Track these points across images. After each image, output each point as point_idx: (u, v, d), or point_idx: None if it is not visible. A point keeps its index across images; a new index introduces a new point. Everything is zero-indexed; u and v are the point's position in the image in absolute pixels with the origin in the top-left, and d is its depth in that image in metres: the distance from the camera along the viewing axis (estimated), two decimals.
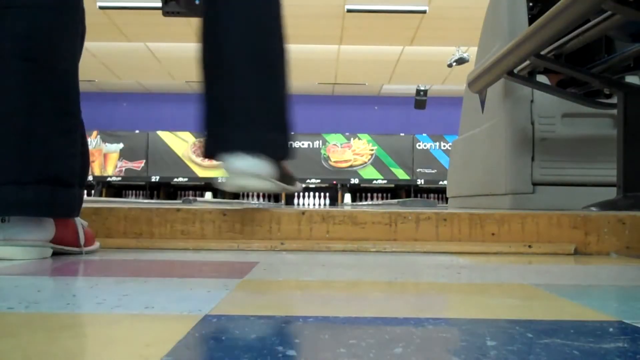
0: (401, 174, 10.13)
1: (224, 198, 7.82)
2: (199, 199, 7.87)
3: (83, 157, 1.34)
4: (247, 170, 1.46)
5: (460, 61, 7.99)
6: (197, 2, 5.47)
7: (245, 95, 1.51)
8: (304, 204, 10.21)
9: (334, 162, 10.15)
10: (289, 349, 0.49)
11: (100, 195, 9.74)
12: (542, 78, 2.58)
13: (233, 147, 1.48)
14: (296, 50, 2.76)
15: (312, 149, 10.16)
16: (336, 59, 8.99)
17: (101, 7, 6.69)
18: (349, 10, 6.90)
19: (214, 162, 1.57)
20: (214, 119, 1.55)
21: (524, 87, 2.61)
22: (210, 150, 1.55)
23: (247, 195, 10.26)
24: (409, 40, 8.03)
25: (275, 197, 10.06)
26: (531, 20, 2.60)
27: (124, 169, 9.96)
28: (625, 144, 2.18)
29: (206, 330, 0.57)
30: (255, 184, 1.47)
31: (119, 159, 9.97)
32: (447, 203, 4.66)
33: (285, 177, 1.62)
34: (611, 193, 2.26)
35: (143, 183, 9.97)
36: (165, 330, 0.58)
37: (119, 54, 8.61)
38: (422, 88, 10.21)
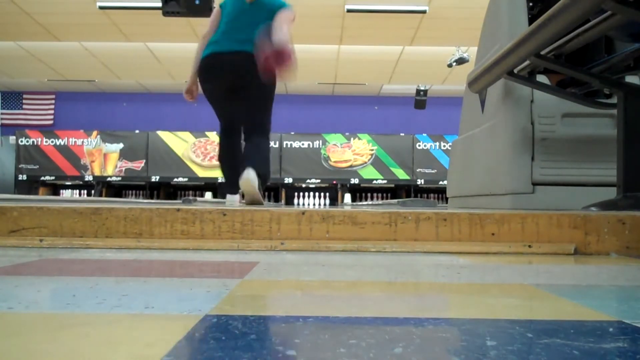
0: (401, 174, 10.14)
1: (223, 198, 7.84)
2: (199, 199, 7.87)
3: None
4: (252, 178, 2.86)
5: (460, 61, 7.99)
6: (197, 2, 5.47)
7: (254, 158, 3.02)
8: (304, 204, 10.20)
9: (334, 162, 10.15)
10: (289, 349, 0.49)
11: (100, 195, 9.74)
12: (542, 78, 2.58)
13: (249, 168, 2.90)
14: (296, 50, 2.77)
15: (312, 149, 10.16)
16: (336, 59, 8.99)
17: (101, 7, 6.69)
18: (349, 10, 6.90)
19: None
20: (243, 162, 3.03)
21: (524, 87, 2.61)
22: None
23: None
24: (409, 40, 8.03)
25: (275, 197, 10.06)
26: (531, 20, 2.60)
27: (124, 169, 9.96)
28: (625, 144, 2.18)
29: (206, 330, 0.57)
30: (254, 185, 2.88)
31: (119, 159, 9.97)
32: (447, 203, 4.66)
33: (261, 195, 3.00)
34: (611, 193, 2.26)
35: (143, 183, 9.97)
36: (165, 330, 0.58)
37: (119, 54, 8.61)
38: (422, 88, 10.22)
